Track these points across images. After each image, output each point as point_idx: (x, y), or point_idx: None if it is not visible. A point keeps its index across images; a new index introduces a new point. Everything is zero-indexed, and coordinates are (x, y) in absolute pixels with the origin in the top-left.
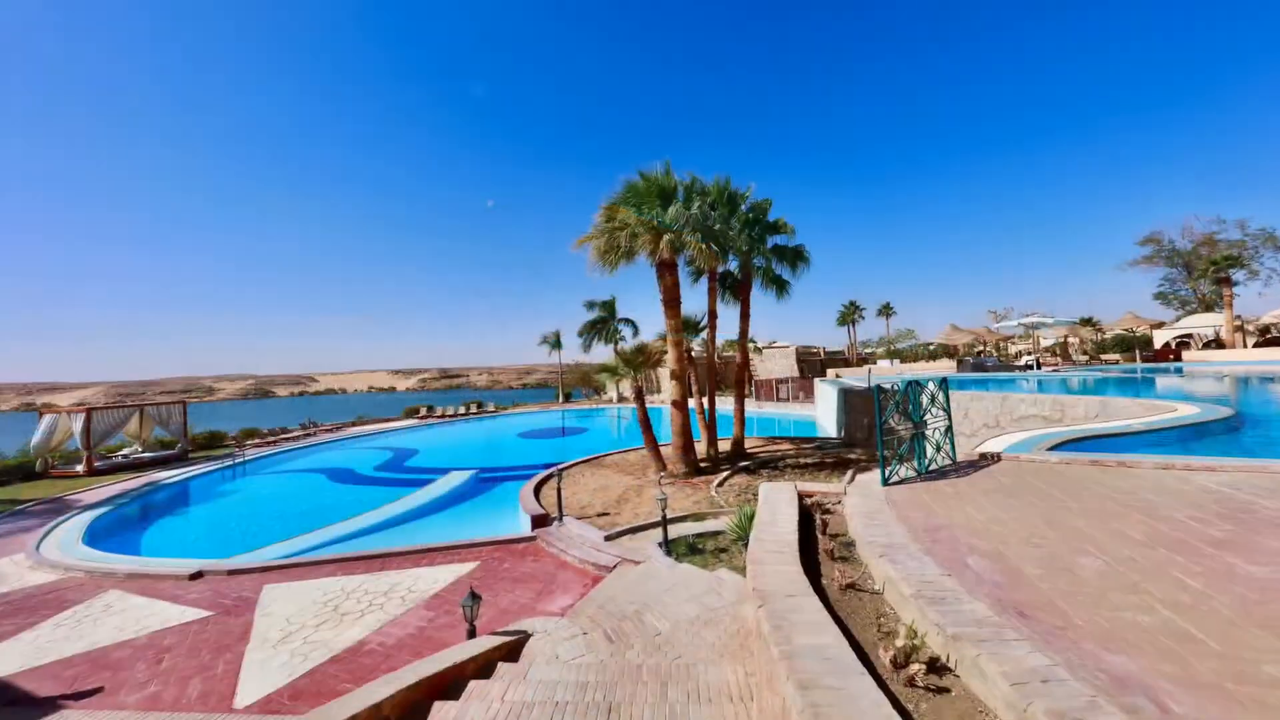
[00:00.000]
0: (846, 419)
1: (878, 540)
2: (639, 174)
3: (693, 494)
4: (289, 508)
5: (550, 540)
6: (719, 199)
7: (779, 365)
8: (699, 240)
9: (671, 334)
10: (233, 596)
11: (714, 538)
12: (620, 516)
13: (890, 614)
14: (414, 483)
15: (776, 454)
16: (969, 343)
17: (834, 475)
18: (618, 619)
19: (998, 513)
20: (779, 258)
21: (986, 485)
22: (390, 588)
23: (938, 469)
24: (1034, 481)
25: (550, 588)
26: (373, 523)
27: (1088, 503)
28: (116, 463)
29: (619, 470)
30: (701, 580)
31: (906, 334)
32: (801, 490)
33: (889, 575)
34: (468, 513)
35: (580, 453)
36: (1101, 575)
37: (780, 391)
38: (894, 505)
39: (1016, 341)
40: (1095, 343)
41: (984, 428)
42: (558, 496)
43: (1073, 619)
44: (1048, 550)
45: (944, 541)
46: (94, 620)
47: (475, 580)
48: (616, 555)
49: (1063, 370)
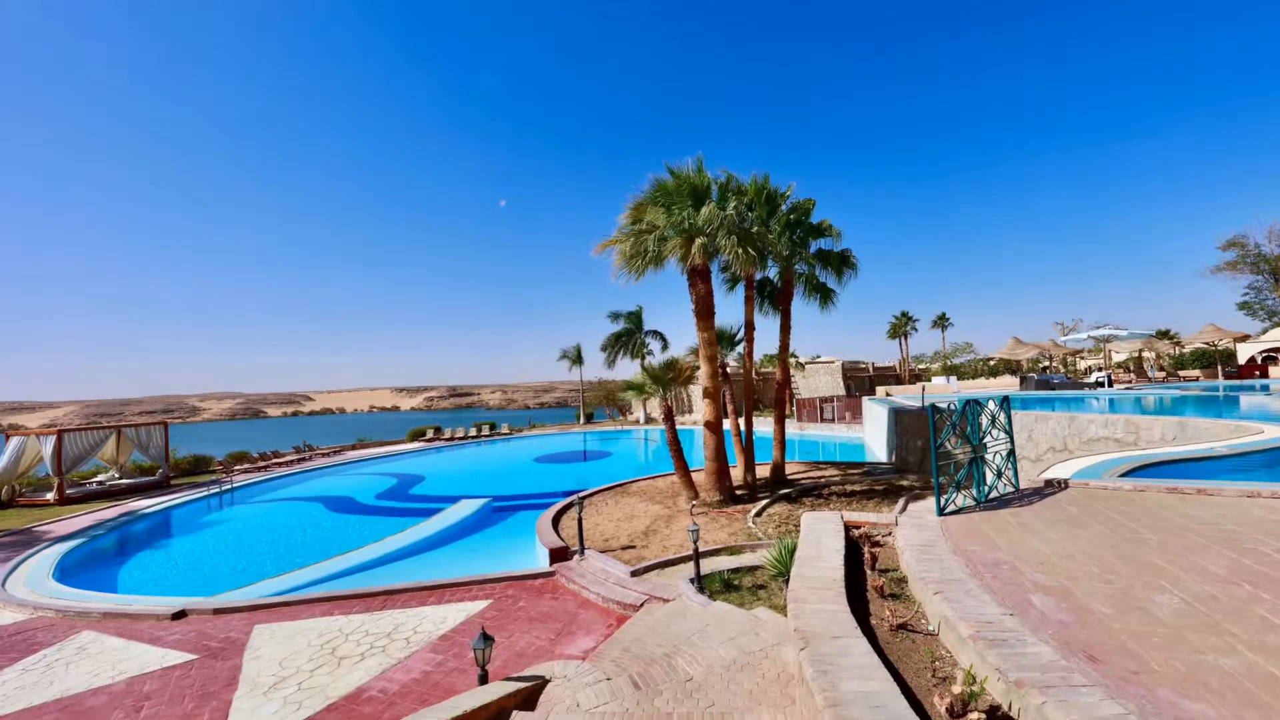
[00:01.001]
0: (898, 442)
1: (932, 576)
2: (668, 171)
3: (728, 525)
4: (281, 540)
5: (570, 576)
6: (756, 198)
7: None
8: (735, 244)
9: (704, 348)
10: (219, 638)
11: (751, 573)
12: (648, 549)
13: (946, 657)
14: (420, 512)
15: (820, 480)
16: (1033, 358)
17: (884, 504)
18: (645, 663)
19: (1065, 545)
20: (823, 263)
21: (1052, 515)
22: (393, 628)
23: (999, 497)
24: (1105, 511)
25: (570, 628)
26: (374, 556)
27: (1164, 534)
28: (91, 490)
29: (646, 498)
30: (738, 620)
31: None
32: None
33: (945, 614)
34: (479, 545)
35: (603, 479)
36: (1179, 614)
37: (824, 411)
38: (950, 537)
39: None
40: (1172, 357)
41: (1050, 451)
42: (578, 527)
43: (1148, 662)
44: (1120, 586)
45: (1006, 577)
46: (66, 664)
47: (487, 620)
48: (643, 592)
49: (1137, 388)
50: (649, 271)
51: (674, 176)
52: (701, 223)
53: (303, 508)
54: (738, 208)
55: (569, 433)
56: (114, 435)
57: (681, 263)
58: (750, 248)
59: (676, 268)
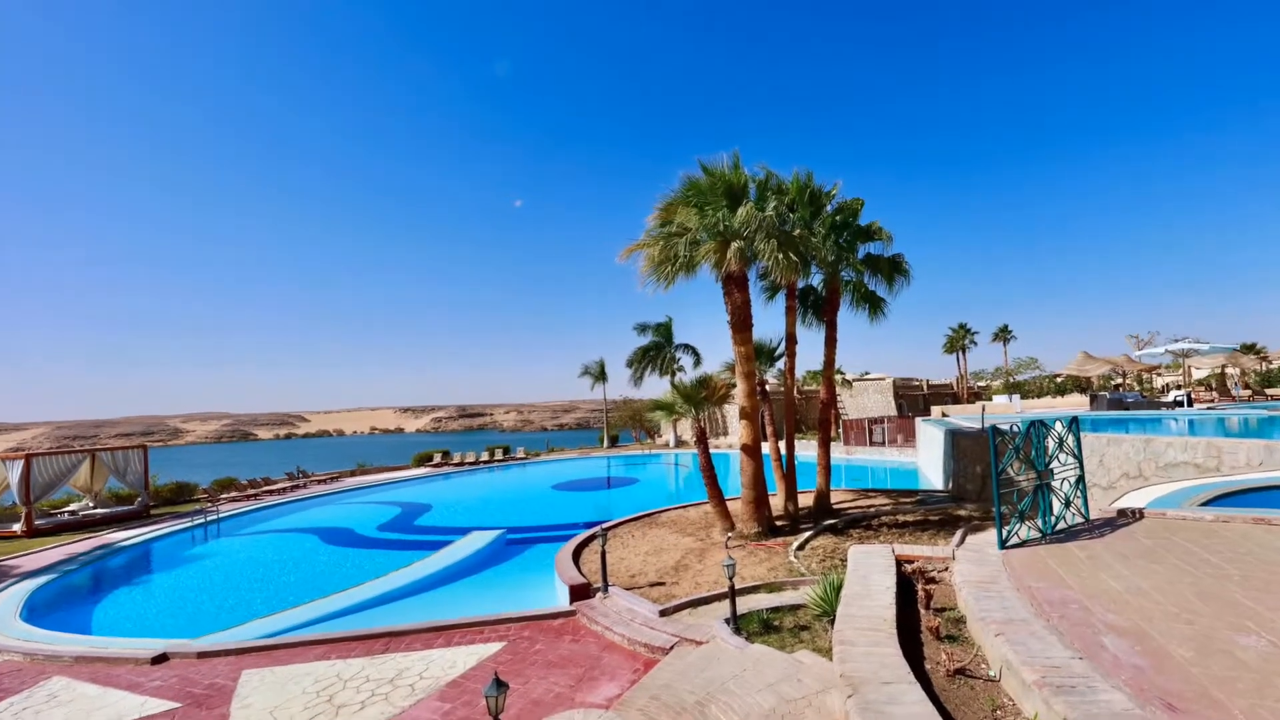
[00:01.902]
0: (955, 467)
1: (993, 615)
2: (701, 167)
3: (767, 559)
4: (272, 576)
5: (593, 615)
6: (798, 198)
7: (872, 402)
8: (775, 248)
9: (741, 363)
10: (204, 684)
11: (793, 612)
12: (678, 587)
13: (1008, 705)
14: (426, 545)
15: (869, 510)
16: (1104, 374)
17: (939, 536)
18: (675, 711)
19: (1139, 581)
20: (872, 270)
21: (1126, 548)
22: (397, 673)
23: (1066, 528)
24: (1184, 544)
25: (592, 673)
26: (376, 594)
27: (1250, 569)
28: (62, 521)
29: (676, 530)
30: (778, 664)
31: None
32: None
33: (1007, 658)
34: (492, 582)
35: (629, 509)
36: (1266, 659)
37: (874, 434)
38: (1013, 572)
39: (1163, 373)
40: (1259, 374)
41: (1123, 478)
42: (602, 562)
43: (1232, 712)
44: (1200, 627)
45: (1074, 617)
46: (35, 713)
47: (501, 664)
48: (673, 634)
49: (1219, 407)
50: (680, 279)
51: (707, 174)
52: (738, 225)
53: (296, 540)
54: (778, 208)
55: (591, 457)
56: (88, 460)
57: (715, 269)
58: (792, 252)
59: (710, 275)
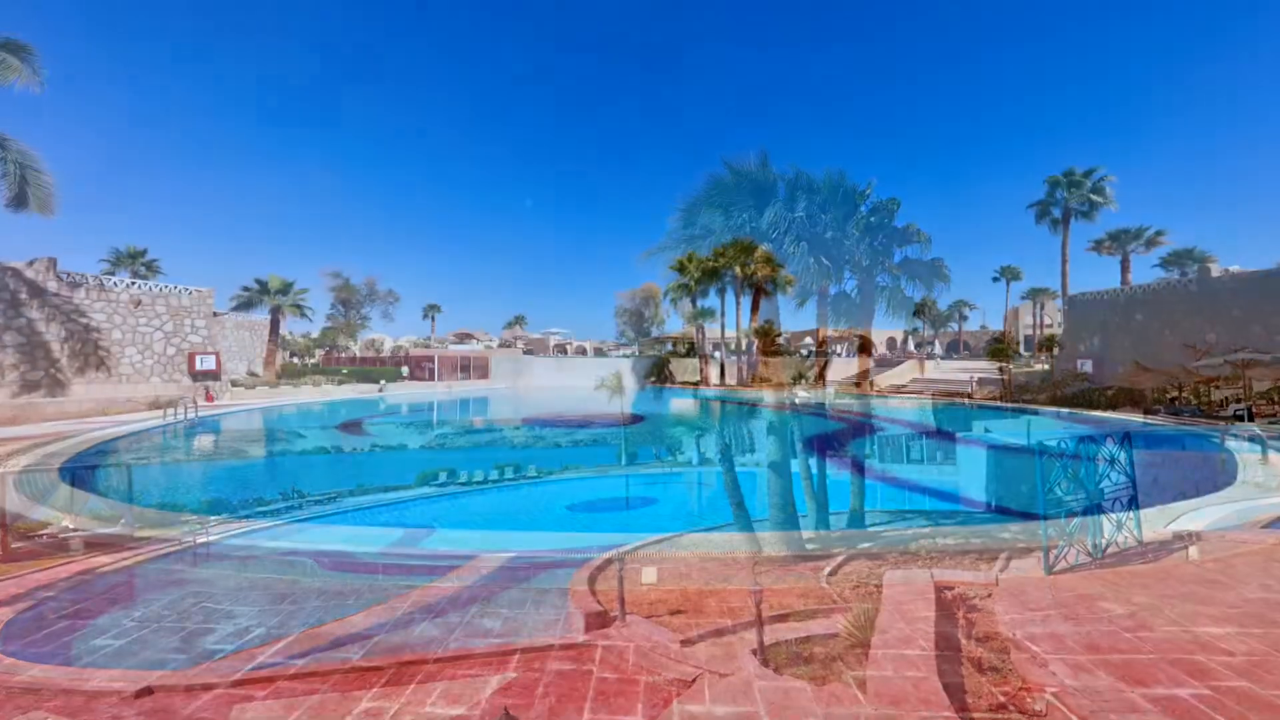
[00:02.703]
0: (998, 486)
1: (1039, 646)
2: (726, 166)
3: (796, 584)
4: (265, 602)
5: (609, 645)
6: (830, 198)
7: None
8: (805, 253)
9: (767, 373)
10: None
11: (824, 642)
12: (701, 615)
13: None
14: (429, 570)
15: (905, 532)
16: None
17: (981, 561)
18: None
19: (1195, 608)
20: (909, 275)
21: (1182, 573)
22: (399, 708)
23: (1118, 552)
24: (1245, 568)
25: (609, 708)
26: (376, 622)
27: None
28: (42, 544)
29: (699, 554)
30: (808, 699)
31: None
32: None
33: (1054, 691)
34: (500, 609)
35: (649, 530)
36: None
37: (910, 450)
38: (1060, 600)
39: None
40: None
41: (1179, 497)
42: (619, 588)
43: None
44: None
45: (1125, 647)
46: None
47: (510, 699)
48: (696, 665)
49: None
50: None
51: (733, 173)
52: (765, 227)
53: (290, 564)
54: (808, 209)
55: (608, 475)
56: (69, 478)
57: (741, 274)
58: (823, 257)
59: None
